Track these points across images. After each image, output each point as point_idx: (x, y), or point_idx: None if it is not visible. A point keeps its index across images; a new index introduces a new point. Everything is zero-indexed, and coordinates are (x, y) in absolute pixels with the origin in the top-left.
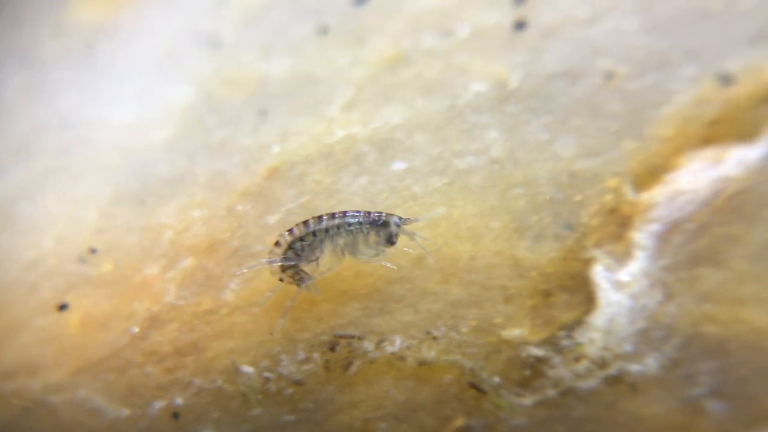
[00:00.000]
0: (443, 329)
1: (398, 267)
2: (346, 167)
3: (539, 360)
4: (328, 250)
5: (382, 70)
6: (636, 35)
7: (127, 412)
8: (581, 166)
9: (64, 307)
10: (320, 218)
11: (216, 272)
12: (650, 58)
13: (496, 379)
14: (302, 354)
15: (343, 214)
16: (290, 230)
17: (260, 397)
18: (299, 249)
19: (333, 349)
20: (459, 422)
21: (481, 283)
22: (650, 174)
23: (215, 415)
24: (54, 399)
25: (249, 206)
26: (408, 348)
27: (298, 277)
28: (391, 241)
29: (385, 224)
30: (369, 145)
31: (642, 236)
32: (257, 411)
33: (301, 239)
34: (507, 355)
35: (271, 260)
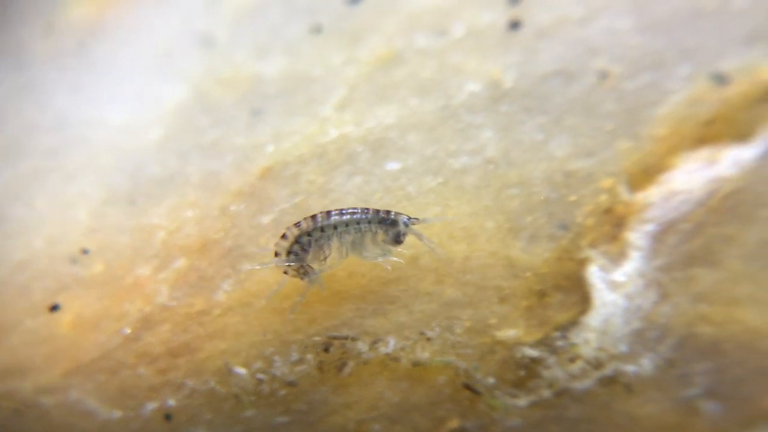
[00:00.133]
0: (437, 330)
1: (392, 268)
2: (340, 167)
3: (534, 360)
4: (335, 246)
5: (375, 69)
6: (630, 34)
7: (119, 413)
8: (576, 166)
9: (55, 308)
10: (329, 213)
11: (209, 273)
12: (645, 58)
13: (491, 379)
14: (295, 355)
15: (352, 211)
16: (297, 224)
17: (253, 398)
18: (306, 243)
19: (326, 350)
20: (453, 423)
21: (476, 284)
22: (645, 174)
23: (208, 416)
24: (45, 401)
25: (242, 206)
26: (402, 349)
27: (303, 270)
28: (398, 240)
29: (393, 223)
30: (362, 145)
31: (637, 236)
32: (250, 412)
33: (309, 234)
34: (501, 356)
35: (284, 260)
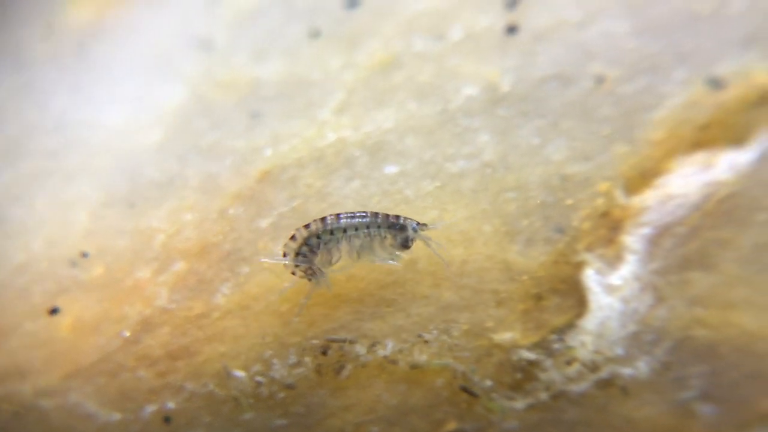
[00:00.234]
0: (435, 333)
1: (390, 271)
2: (338, 171)
3: (531, 363)
4: (343, 249)
5: (374, 73)
6: (627, 38)
7: (118, 416)
8: (572, 169)
9: (55, 311)
10: (338, 216)
11: (208, 276)
12: (641, 62)
13: (488, 382)
14: (294, 358)
15: (362, 215)
16: (307, 225)
17: (252, 401)
18: (315, 245)
19: (325, 353)
20: (451, 426)
21: (473, 287)
22: (641, 178)
23: (207, 419)
24: (45, 403)
25: (241, 209)
26: (400, 352)
27: (310, 272)
28: (406, 245)
29: (402, 228)
30: (361, 149)
31: (633, 240)
32: (249, 415)
33: (318, 236)
34: (498, 359)
35: (292, 260)
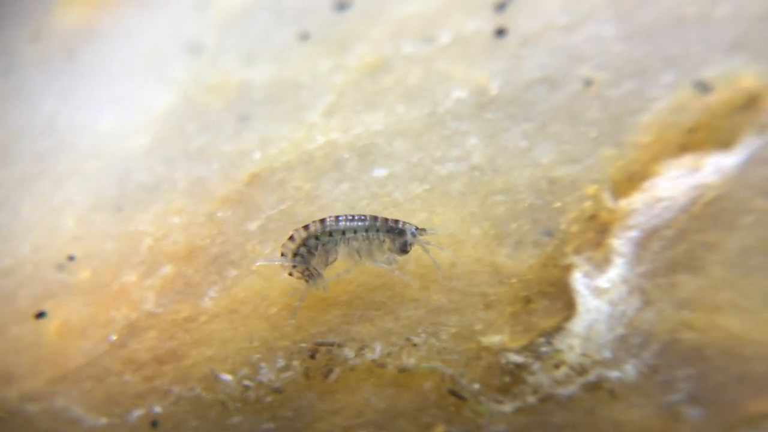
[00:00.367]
0: (423, 336)
1: (379, 274)
2: (327, 173)
3: (519, 366)
4: (341, 252)
5: (363, 76)
6: (614, 42)
7: (104, 420)
8: (560, 173)
9: (41, 315)
10: (338, 218)
11: (195, 279)
12: (628, 65)
13: (476, 385)
14: (281, 362)
15: (361, 218)
16: (306, 227)
17: (239, 405)
18: (313, 246)
19: (313, 357)
20: (439, 429)
21: (462, 290)
22: (629, 181)
23: (194, 423)
24: (30, 408)
25: (229, 213)
26: (388, 355)
27: (307, 273)
28: (404, 250)
29: (401, 233)
30: (349, 152)
31: (620, 243)
32: (236, 419)
33: (316, 237)
34: (487, 362)
35: (292, 261)
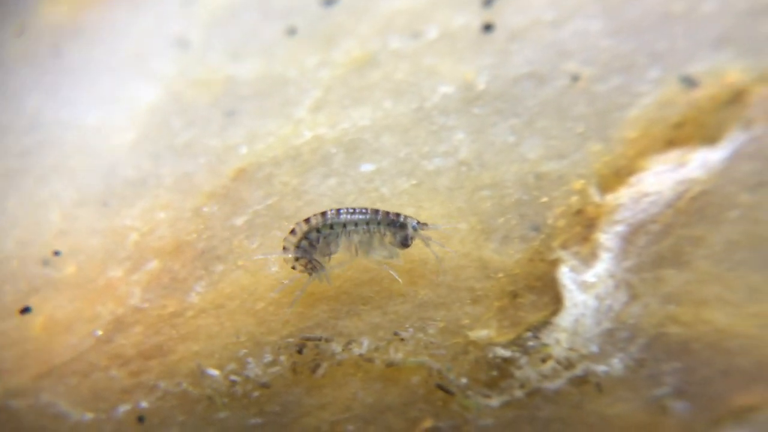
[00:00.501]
0: (411, 331)
1: (366, 269)
2: (314, 168)
3: (506, 361)
4: (342, 244)
5: (350, 71)
6: (601, 37)
7: (90, 416)
8: (547, 168)
9: (26, 310)
10: (339, 211)
11: (181, 275)
12: (615, 61)
13: (464, 380)
14: (269, 357)
15: (362, 211)
16: (307, 220)
17: (226, 400)
18: (314, 240)
19: (300, 352)
20: (427, 424)
21: (449, 285)
22: (615, 176)
23: (180, 418)
24: (16, 404)
25: (215, 208)
26: (376, 350)
27: (310, 266)
28: (405, 243)
29: (402, 226)
30: (337, 147)
31: (607, 237)
32: (223, 414)
33: (318, 230)
34: (474, 356)
35: (294, 253)
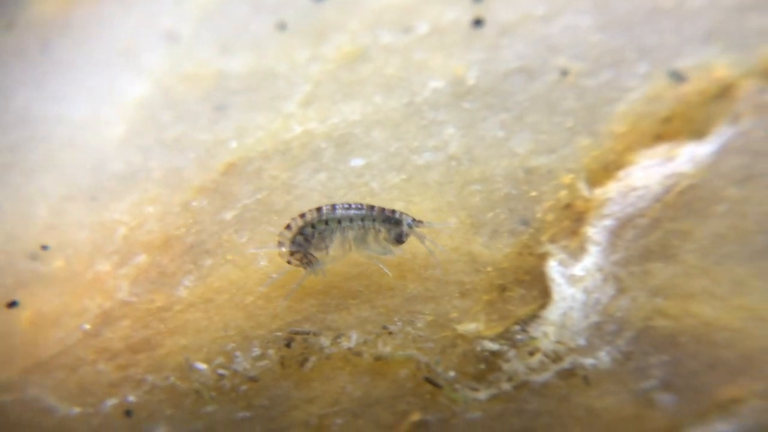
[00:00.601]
0: (399, 324)
1: (355, 263)
2: (304, 163)
3: (494, 354)
4: (337, 240)
5: (340, 66)
6: (591, 32)
7: (78, 410)
8: (536, 162)
9: (13, 304)
10: (334, 207)
11: (170, 269)
12: (604, 56)
13: (452, 373)
14: (257, 350)
15: (358, 207)
16: (302, 215)
17: (214, 393)
18: (309, 235)
19: (288, 346)
20: (415, 417)
21: (438, 279)
22: (604, 170)
23: (168, 412)
24: (2, 398)
25: (204, 202)
26: (364, 343)
27: (306, 260)
28: (400, 240)
29: (397, 223)
30: (327, 141)
31: (595, 231)
32: (211, 408)
33: (313, 226)
34: (462, 350)
35: (290, 247)
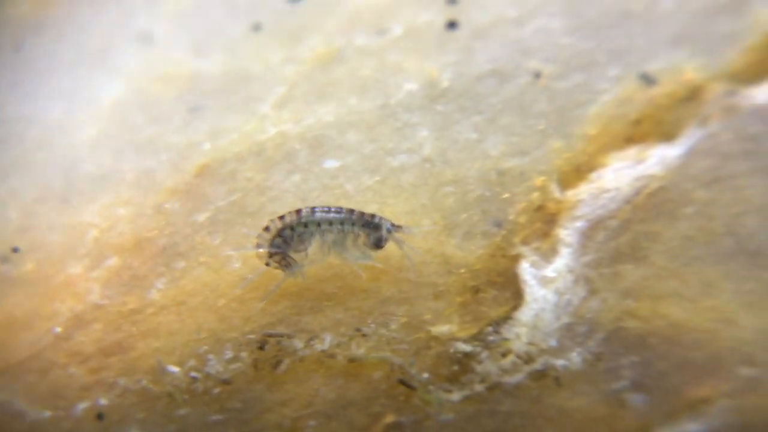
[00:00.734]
0: (373, 326)
1: (329, 265)
2: (278, 164)
3: (467, 355)
4: (315, 243)
5: (315, 67)
6: (562, 35)
7: (49, 413)
8: (509, 164)
9: None
10: (314, 210)
11: (142, 271)
12: (576, 58)
13: (425, 375)
14: (230, 353)
15: (337, 210)
16: (281, 217)
17: (187, 396)
18: (288, 237)
19: (262, 348)
20: (389, 419)
21: (411, 281)
22: (576, 172)
23: (140, 415)
24: None
25: (177, 204)
26: (338, 345)
27: (285, 262)
28: (379, 245)
29: (376, 227)
30: (301, 143)
31: (567, 233)
32: (184, 411)
33: (292, 228)
34: (436, 351)
35: (269, 249)
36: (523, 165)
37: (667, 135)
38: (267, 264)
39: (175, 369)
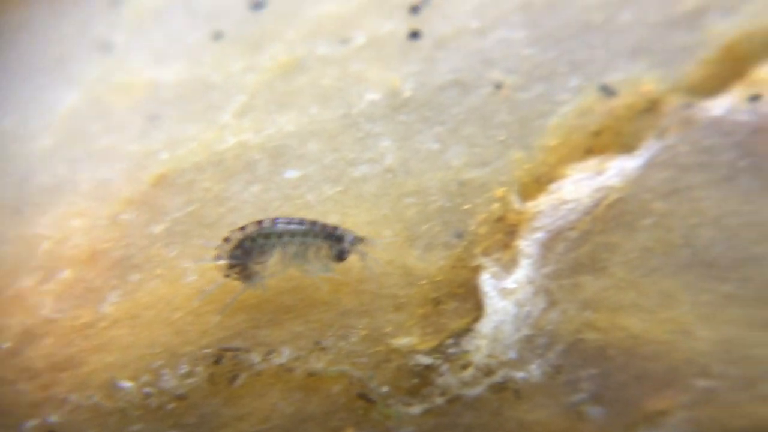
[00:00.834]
0: (332, 339)
1: (289, 277)
2: (237, 175)
3: (427, 368)
4: (277, 255)
5: (276, 76)
6: (523, 46)
7: None
8: (470, 175)
9: None
10: (275, 221)
11: (96, 284)
12: (537, 69)
13: (385, 388)
14: (185, 368)
15: (299, 221)
16: (243, 228)
17: (140, 412)
18: (249, 248)
19: (218, 362)
20: None
21: (372, 292)
22: (536, 183)
23: (93, 431)
24: None
25: (133, 215)
26: (296, 359)
27: (245, 274)
28: (341, 257)
29: (339, 239)
30: (261, 153)
31: (527, 244)
32: (137, 427)
33: (253, 239)
34: (396, 364)
35: (229, 261)
36: (484, 176)
37: (626, 146)
38: (227, 276)
39: (128, 384)
